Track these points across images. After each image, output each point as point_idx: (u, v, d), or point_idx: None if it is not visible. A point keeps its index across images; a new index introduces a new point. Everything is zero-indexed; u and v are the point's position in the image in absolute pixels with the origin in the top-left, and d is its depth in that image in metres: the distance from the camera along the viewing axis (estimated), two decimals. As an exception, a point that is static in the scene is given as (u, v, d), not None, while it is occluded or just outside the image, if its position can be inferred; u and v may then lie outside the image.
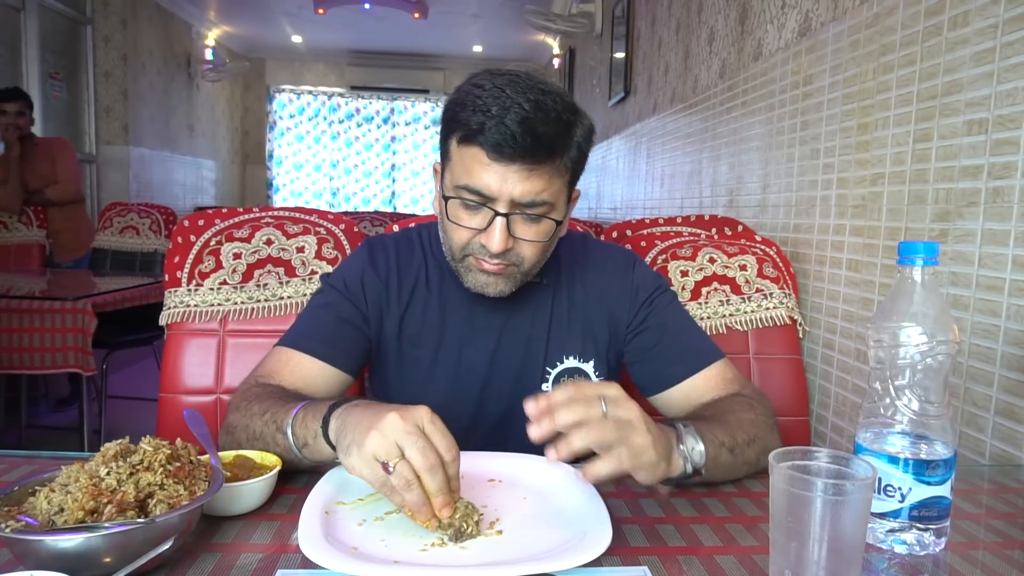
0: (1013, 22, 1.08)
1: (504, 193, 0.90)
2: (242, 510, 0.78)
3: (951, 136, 1.20)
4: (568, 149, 0.92)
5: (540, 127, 0.87)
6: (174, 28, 6.93)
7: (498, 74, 0.91)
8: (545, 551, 0.69)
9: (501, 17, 7.01)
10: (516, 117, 0.86)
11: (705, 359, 1.05)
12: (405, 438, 0.69)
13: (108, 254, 3.74)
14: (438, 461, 0.70)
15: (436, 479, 0.70)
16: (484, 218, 0.93)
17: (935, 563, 0.71)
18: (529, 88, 0.89)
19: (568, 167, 0.94)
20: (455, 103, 0.93)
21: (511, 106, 0.87)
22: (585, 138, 0.95)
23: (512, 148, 0.87)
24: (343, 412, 0.78)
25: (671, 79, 3.15)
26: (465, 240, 0.96)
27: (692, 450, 0.82)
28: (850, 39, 1.54)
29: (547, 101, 0.89)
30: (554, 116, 0.89)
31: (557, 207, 0.95)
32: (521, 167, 0.89)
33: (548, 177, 0.91)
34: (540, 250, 0.97)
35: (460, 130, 0.91)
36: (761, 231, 1.84)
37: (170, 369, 1.39)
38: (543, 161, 0.89)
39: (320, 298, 1.08)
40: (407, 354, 1.08)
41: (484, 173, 0.90)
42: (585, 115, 0.96)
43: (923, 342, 0.71)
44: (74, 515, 0.63)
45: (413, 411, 0.72)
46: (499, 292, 0.99)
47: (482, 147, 0.89)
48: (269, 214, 1.53)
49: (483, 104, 0.88)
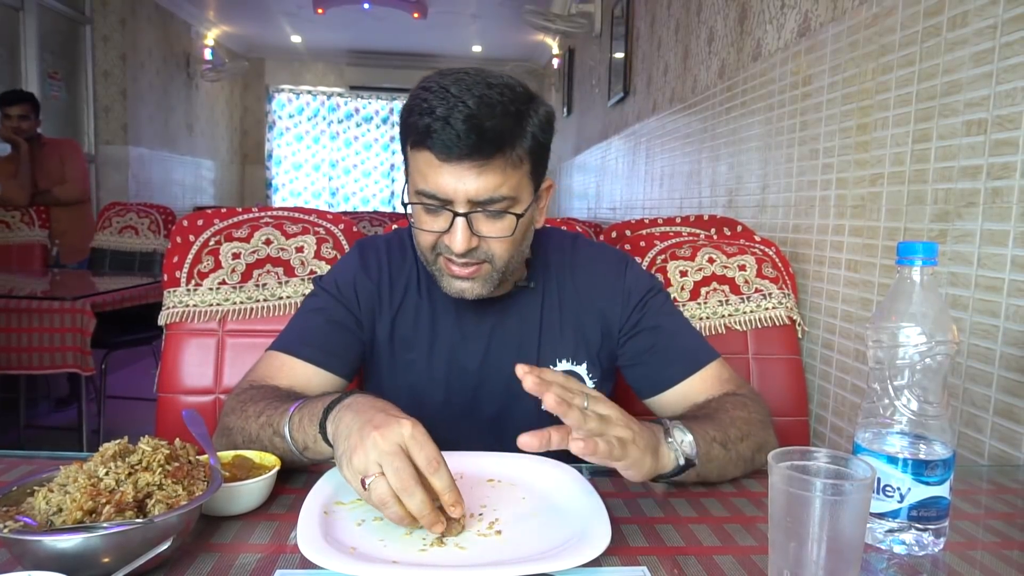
0: (1012, 23, 1.08)
1: (459, 193, 0.89)
2: (241, 510, 0.78)
3: (950, 136, 1.20)
4: (520, 139, 0.91)
5: (486, 122, 0.87)
6: (173, 28, 6.93)
7: (447, 73, 0.91)
8: (544, 551, 0.69)
9: (500, 17, 7.01)
10: (460, 115, 0.86)
11: (701, 360, 1.04)
12: (383, 458, 0.69)
13: (107, 254, 3.74)
14: (413, 481, 0.69)
15: (414, 500, 0.69)
16: (445, 220, 0.92)
17: (934, 563, 0.71)
18: (475, 84, 0.88)
19: (524, 158, 0.92)
20: (406, 108, 0.93)
21: (455, 105, 0.86)
22: (542, 126, 0.93)
23: (459, 148, 0.87)
24: (337, 415, 0.78)
25: (670, 79, 3.15)
26: (431, 243, 0.95)
27: (681, 442, 0.82)
28: (849, 39, 1.54)
29: (492, 95, 0.88)
30: (500, 109, 0.88)
31: (520, 200, 0.94)
32: (471, 165, 0.88)
33: (502, 171, 0.90)
34: (510, 245, 0.95)
35: (411, 135, 0.91)
36: (760, 231, 1.84)
37: (169, 369, 1.39)
38: (493, 156, 0.88)
39: (313, 301, 1.08)
40: (399, 357, 1.08)
41: (437, 176, 0.90)
42: (541, 102, 0.94)
43: (922, 342, 0.71)
44: (72, 515, 0.63)
45: (395, 427, 0.71)
46: (477, 295, 0.98)
47: (431, 150, 0.88)
48: (268, 214, 1.53)
49: (428, 106, 0.88)
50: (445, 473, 0.71)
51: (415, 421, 0.72)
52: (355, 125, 9.49)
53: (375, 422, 0.72)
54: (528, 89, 0.94)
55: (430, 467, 0.70)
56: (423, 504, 0.69)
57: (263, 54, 9.03)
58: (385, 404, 0.76)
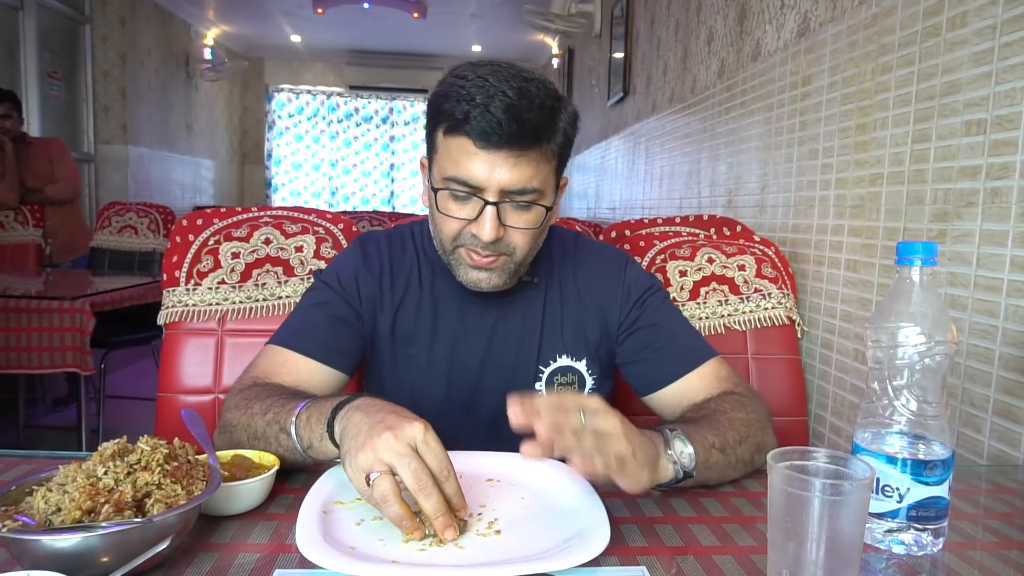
0: (1011, 23, 1.08)
1: (493, 181, 0.90)
2: (240, 510, 0.78)
3: (949, 137, 1.20)
4: (554, 135, 0.92)
5: (525, 113, 0.87)
6: (173, 27, 6.93)
7: (480, 64, 0.92)
8: (543, 551, 0.69)
9: (500, 17, 7.01)
10: (501, 104, 0.87)
11: (699, 358, 1.05)
12: (397, 459, 0.69)
13: (106, 253, 3.74)
14: (431, 482, 0.69)
15: (431, 500, 0.69)
16: (474, 208, 0.93)
17: (933, 563, 0.71)
18: (512, 76, 0.89)
19: (555, 152, 0.94)
20: (439, 95, 0.93)
21: (495, 94, 0.87)
22: (570, 124, 0.95)
23: (499, 135, 0.87)
24: (346, 415, 0.77)
25: (670, 79, 3.15)
26: (456, 231, 0.95)
27: (681, 454, 0.82)
28: (849, 39, 1.54)
29: (530, 88, 0.89)
30: (538, 103, 0.89)
31: (546, 194, 0.95)
32: (508, 154, 0.89)
33: (536, 163, 0.91)
34: (531, 238, 0.96)
35: (446, 121, 0.91)
36: (760, 231, 1.84)
37: (168, 369, 1.39)
38: (530, 147, 0.90)
39: (314, 296, 1.07)
40: (400, 352, 1.08)
41: (472, 162, 0.90)
42: (568, 101, 0.96)
43: (921, 342, 0.71)
44: (71, 515, 0.63)
45: (407, 428, 0.71)
46: (493, 286, 0.98)
47: (468, 136, 0.89)
48: (267, 213, 1.53)
49: (467, 94, 0.88)
50: (454, 480, 0.71)
51: (427, 424, 0.72)
52: (355, 125, 9.49)
53: (387, 423, 0.72)
54: (556, 88, 0.95)
55: (441, 473, 0.71)
56: (440, 504, 0.69)
57: (263, 54, 9.03)
58: (396, 407, 0.76)
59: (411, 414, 0.74)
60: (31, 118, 5.14)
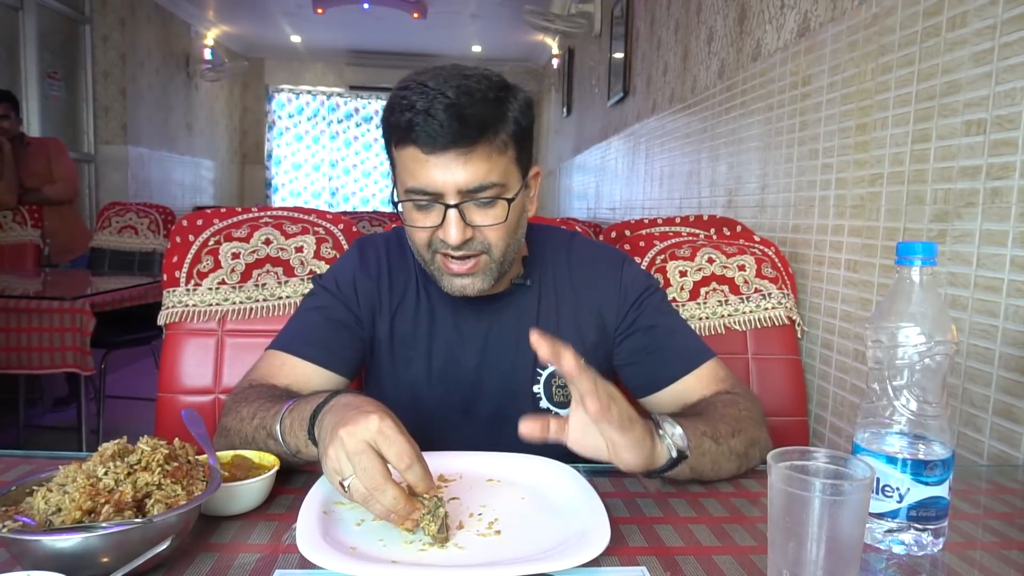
0: (1011, 23, 1.08)
1: (449, 184, 0.90)
2: (240, 510, 0.78)
3: (949, 137, 1.20)
4: (502, 124, 0.91)
5: (468, 110, 0.87)
6: (173, 27, 6.93)
7: (424, 71, 0.92)
8: (543, 551, 0.69)
9: (500, 17, 7.01)
10: (441, 106, 0.87)
11: (697, 359, 1.04)
12: (352, 458, 0.69)
13: (106, 254, 3.74)
14: (382, 479, 0.68)
15: (385, 498, 0.69)
16: (438, 215, 0.92)
17: (933, 563, 0.71)
18: (452, 76, 0.89)
19: (508, 143, 0.93)
20: (386, 109, 0.93)
21: (435, 97, 0.87)
22: (522, 111, 0.94)
23: (444, 137, 0.87)
24: (321, 419, 0.78)
25: (670, 79, 3.15)
26: (426, 240, 0.96)
27: (672, 434, 0.82)
28: (849, 39, 1.54)
29: (470, 84, 0.89)
30: (480, 96, 0.89)
31: (509, 186, 0.94)
32: (458, 154, 0.89)
33: (488, 157, 0.90)
34: (504, 232, 0.95)
35: (395, 133, 0.92)
36: (760, 231, 1.84)
37: (168, 369, 1.39)
38: (477, 142, 0.89)
39: (313, 300, 1.08)
40: (399, 354, 1.08)
41: (424, 170, 0.90)
42: (519, 89, 0.95)
43: (921, 342, 0.71)
44: (71, 515, 0.63)
45: (360, 424, 0.70)
46: (479, 290, 0.98)
47: (416, 144, 0.89)
48: (268, 214, 1.53)
49: (408, 103, 0.88)
50: (418, 467, 0.70)
51: (383, 414, 0.71)
52: (355, 125, 9.49)
53: (344, 421, 0.71)
54: (504, 78, 0.95)
55: (401, 462, 0.69)
56: (395, 501, 0.69)
57: (263, 54, 9.03)
58: (362, 400, 0.75)
59: (375, 405, 0.73)
60: (31, 118, 5.14)
